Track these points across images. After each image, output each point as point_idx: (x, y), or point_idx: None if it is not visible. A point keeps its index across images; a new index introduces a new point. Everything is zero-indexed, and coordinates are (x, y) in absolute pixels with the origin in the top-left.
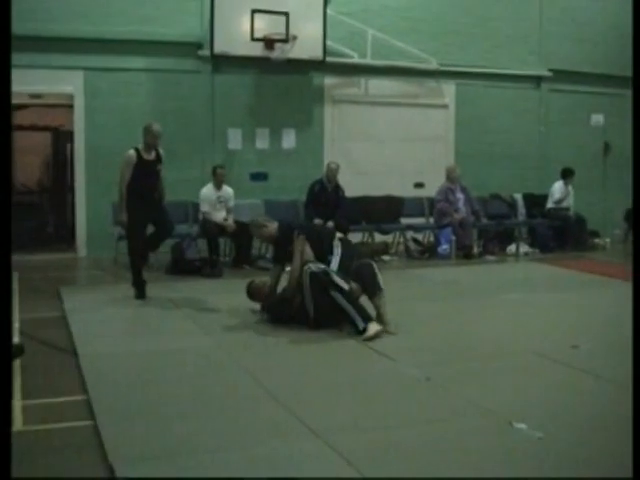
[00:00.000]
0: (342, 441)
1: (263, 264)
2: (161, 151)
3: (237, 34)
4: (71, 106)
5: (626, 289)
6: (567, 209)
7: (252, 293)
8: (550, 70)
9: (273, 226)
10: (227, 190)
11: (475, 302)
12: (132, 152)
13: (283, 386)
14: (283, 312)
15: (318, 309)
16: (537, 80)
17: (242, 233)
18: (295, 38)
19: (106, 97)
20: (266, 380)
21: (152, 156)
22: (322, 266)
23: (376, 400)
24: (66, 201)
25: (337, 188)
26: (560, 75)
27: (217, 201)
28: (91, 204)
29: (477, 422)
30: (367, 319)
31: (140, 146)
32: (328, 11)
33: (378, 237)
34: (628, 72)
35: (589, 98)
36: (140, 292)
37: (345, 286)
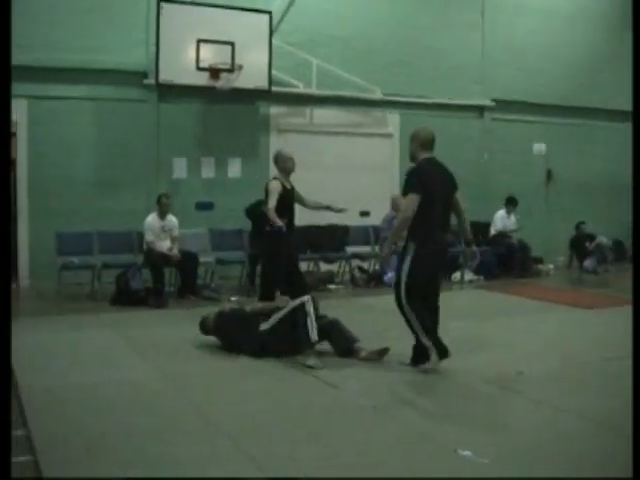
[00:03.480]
0: (283, 472)
1: (208, 294)
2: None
3: (183, 63)
4: (14, 134)
5: (571, 314)
6: (511, 236)
7: (207, 329)
8: (493, 100)
9: None
10: (171, 219)
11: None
12: (277, 182)
13: (227, 417)
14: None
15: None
16: (480, 110)
17: (187, 263)
18: (241, 68)
19: (50, 126)
20: (210, 411)
21: (290, 185)
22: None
23: (322, 429)
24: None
25: None
26: (503, 104)
27: (161, 230)
28: (34, 233)
29: (423, 449)
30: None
31: (279, 176)
32: (274, 41)
33: (324, 266)
34: (570, 101)
35: (531, 127)
36: None
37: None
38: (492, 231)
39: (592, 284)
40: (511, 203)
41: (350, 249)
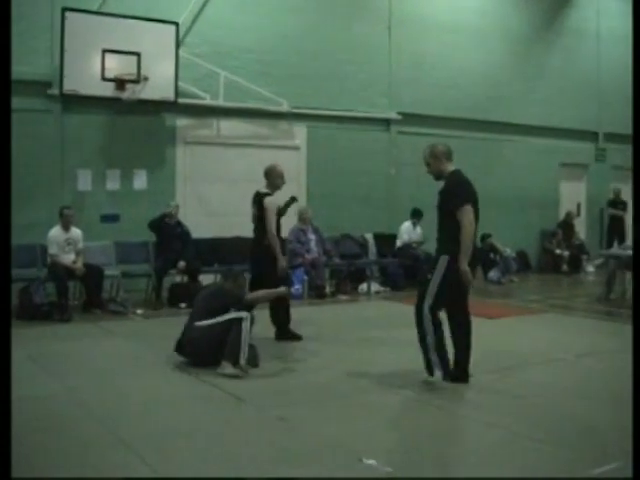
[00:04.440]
0: None
1: (114, 307)
2: None
3: (88, 73)
4: None
5: (475, 324)
6: (416, 248)
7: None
8: (399, 113)
9: None
10: (75, 232)
11: (329, 341)
12: (273, 198)
13: (134, 432)
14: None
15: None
16: (387, 123)
17: (92, 276)
18: (147, 79)
19: None
20: (116, 426)
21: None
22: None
23: (229, 443)
24: None
25: (179, 225)
26: (409, 118)
27: (65, 243)
28: None
29: (327, 459)
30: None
31: (268, 191)
32: (180, 52)
33: None
34: (476, 115)
35: (436, 140)
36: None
37: None
38: (398, 243)
39: (496, 294)
40: (416, 215)
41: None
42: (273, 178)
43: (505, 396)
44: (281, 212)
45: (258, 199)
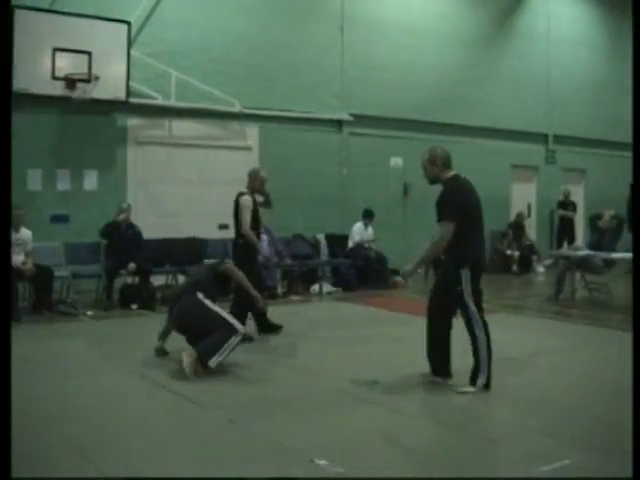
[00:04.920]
0: None
1: (64, 309)
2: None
3: (38, 72)
4: None
5: (423, 324)
6: (368, 248)
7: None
8: (351, 114)
9: None
10: (25, 232)
11: (280, 342)
12: (248, 197)
13: (81, 432)
14: None
15: None
16: (339, 124)
17: (41, 277)
18: (98, 78)
19: None
20: (63, 426)
21: (259, 199)
22: None
23: (178, 444)
24: None
25: (132, 227)
26: (361, 119)
27: (15, 244)
28: None
29: (279, 460)
30: None
31: (245, 190)
32: (132, 52)
33: (182, 279)
34: (428, 117)
35: (389, 141)
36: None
37: None
38: (350, 243)
39: None
40: (368, 216)
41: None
42: (253, 180)
43: (454, 396)
44: (257, 209)
45: (236, 198)
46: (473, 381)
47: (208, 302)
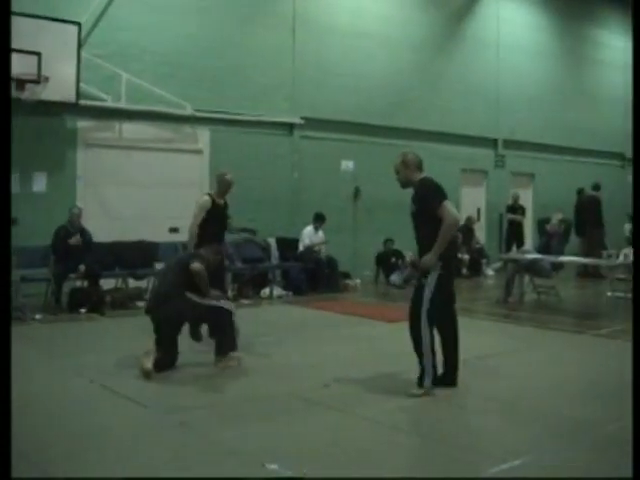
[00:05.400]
0: None
1: (12, 313)
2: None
3: None
4: None
5: (375, 328)
6: (318, 252)
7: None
8: (302, 118)
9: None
10: None
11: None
12: (207, 197)
13: (26, 436)
14: None
15: None
16: (290, 127)
17: None
18: (47, 79)
19: None
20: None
21: (222, 202)
22: None
23: (127, 447)
24: None
25: (83, 232)
26: (312, 123)
27: None
28: None
29: (230, 464)
30: None
31: (211, 192)
32: (82, 53)
33: (132, 283)
34: (379, 121)
35: (340, 145)
36: None
37: None
38: (300, 247)
39: (398, 298)
40: (319, 219)
41: (159, 265)
42: (218, 184)
43: (405, 399)
44: (219, 211)
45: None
46: (420, 382)
47: (196, 298)
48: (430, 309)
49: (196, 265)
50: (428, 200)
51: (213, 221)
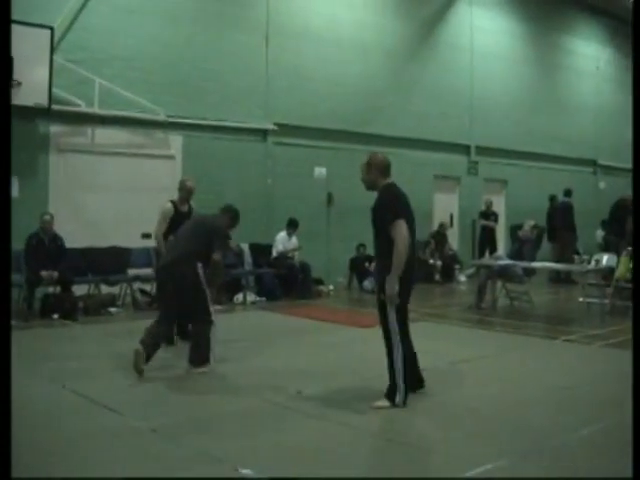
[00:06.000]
0: None
1: None
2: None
3: None
4: None
5: (348, 333)
6: (292, 258)
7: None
8: (276, 124)
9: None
10: None
11: None
12: (169, 204)
13: None
14: None
15: None
16: (263, 133)
17: None
18: (19, 84)
19: None
20: None
21: (186, 208)
22: None
23: (97, 455)
24: None
25: (55, 238)
26: (285, 129)
27: None
28: None
29: (203, 470)
30: None
31: (173, 199)
32: (55, 58)
33: (105, 289)
34: (353, 127)
35: (312, 151)
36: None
37: None
38: (274, 253)
39: (371, 303)
40: (292, 225)
41: (132, 271)
42: (179, 191)
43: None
44: (182, 218)
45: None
46: (390, 397)
47: (202, 278)
48: (398, 318)
49: (218, 256)
50: (383, 213)
51: (176, 228)
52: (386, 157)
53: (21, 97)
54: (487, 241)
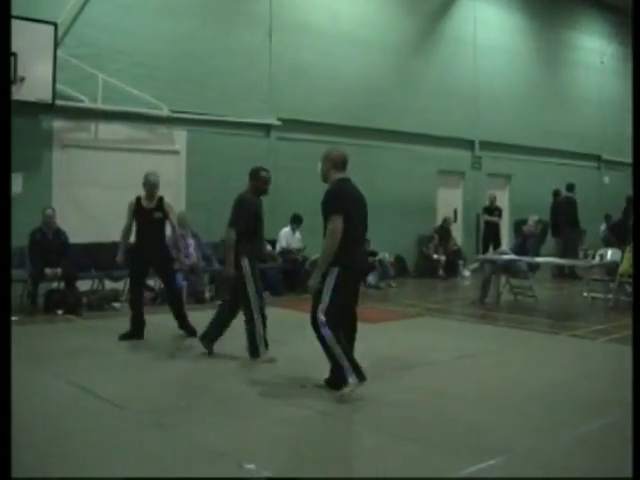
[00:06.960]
0: None
1: None
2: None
3: None
4: None
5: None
6: (296, 253)
7: None
8: (279, 119)
9: None
10: None
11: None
12: (132, 199)
13: None
14: None
15: None
16: (267, 128)
17: None
18: (23, 80)
19: None
20: None
21: (153, 204)
22: None
23: (102, 450)
24: None
25: (59, 233)
26: (289, 124)
27: None
28: None
29: (207, 466)
30: None
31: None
32: (59, 53)
33: (109, 284)
34: (357, 122)
35: (317, 146)
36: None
37: None
38: (277, 248)
39: (375, 298)
40: (296, 221)
41: None
42: (144, 185)
43: (384, 399)
44: (147, 213)
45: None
46: (332, 384)
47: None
48: (329, 307)
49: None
50: (325, 207)
51: (138, 223)
52: (343, 152)
53: (24, 93)
54: (491, 236)
